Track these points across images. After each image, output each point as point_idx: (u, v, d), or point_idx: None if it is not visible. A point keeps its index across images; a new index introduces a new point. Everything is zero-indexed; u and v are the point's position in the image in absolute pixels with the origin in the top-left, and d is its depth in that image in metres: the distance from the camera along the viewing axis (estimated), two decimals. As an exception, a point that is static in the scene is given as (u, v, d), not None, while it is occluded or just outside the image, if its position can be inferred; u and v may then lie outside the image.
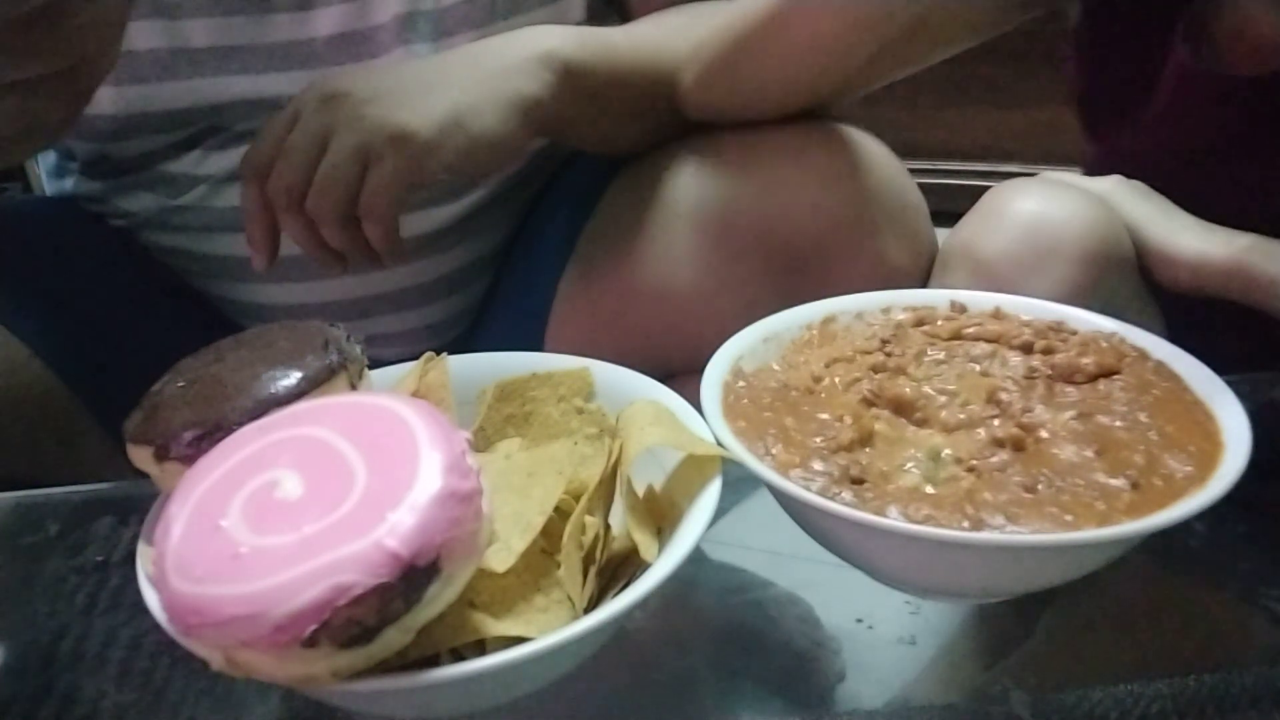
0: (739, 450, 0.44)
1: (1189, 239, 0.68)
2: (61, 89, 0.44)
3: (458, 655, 0.38)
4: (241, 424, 0.41)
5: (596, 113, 0.72)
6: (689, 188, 0.73)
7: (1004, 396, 0.48)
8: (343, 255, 0.65)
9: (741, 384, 0.50)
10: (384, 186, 0.61)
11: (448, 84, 0.64)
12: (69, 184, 0.83)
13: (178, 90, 0.73)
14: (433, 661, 0.37)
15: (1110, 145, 0.78)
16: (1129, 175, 0.73)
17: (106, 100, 0.72)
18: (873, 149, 0.71)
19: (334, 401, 0.42)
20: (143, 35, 0.71)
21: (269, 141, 0.63)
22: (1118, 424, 0.46)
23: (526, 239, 0.86)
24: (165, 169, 0.77)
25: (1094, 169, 0.77)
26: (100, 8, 0.42)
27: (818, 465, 0.44)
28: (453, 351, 0.51)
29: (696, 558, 0.42)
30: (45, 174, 0.88)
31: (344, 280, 0.77)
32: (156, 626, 0.37)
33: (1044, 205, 0.66)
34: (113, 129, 0.74)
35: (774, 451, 0.45)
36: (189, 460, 0.41)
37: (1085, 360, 0.50)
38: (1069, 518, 0.41)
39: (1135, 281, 0.70)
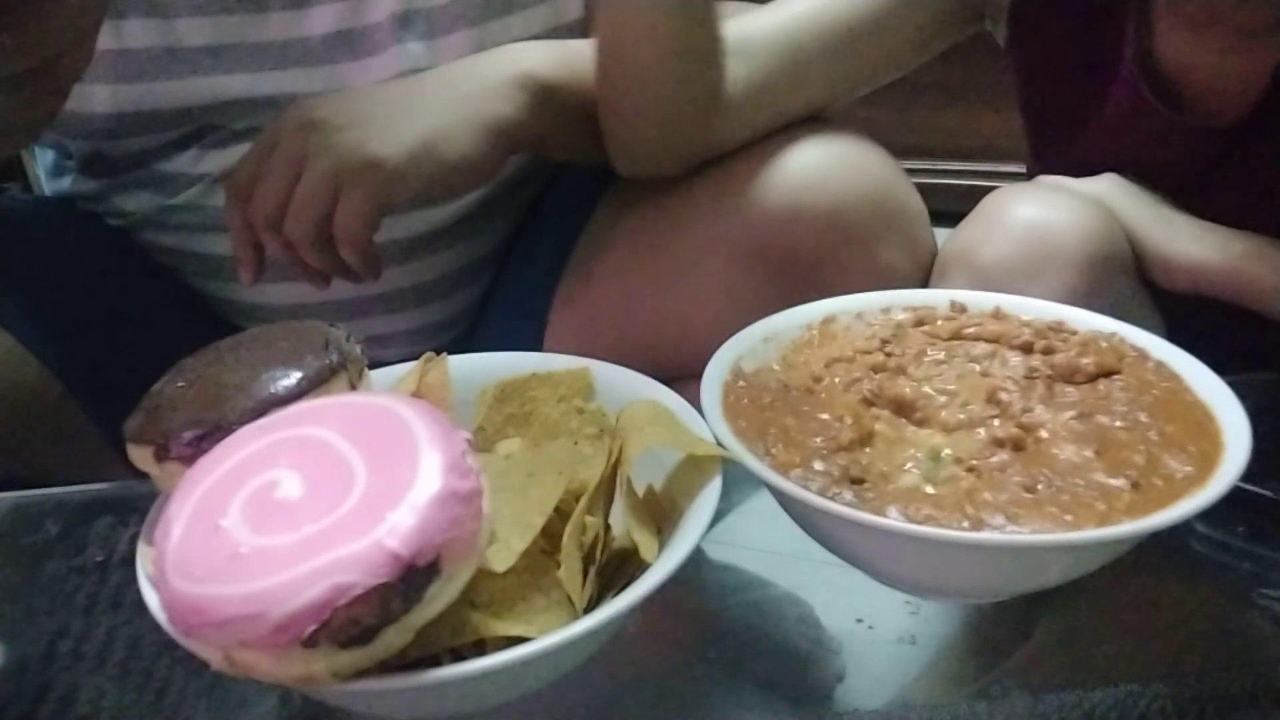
0: (739, 450, 0.44)
1: (1186, 243, 0.68)
2: (35, 87, 0.44)
3: (458, 655, 0.38)
4: (241, 424, 0.41)
5: (578, 129, 0.72)
6: (688, 192, 0.73)
7: (1004, 396, 0.48)
8: (324, 273, 0.67)
9: (741, 384, 0.50)
10: (354, 213, 0.63)
11: (421, 109, 0.65)
12: (66, 183, 0.83)
13: (172, 89, 0.73)
14: (433, 661, 0.37)
15: (1057, 164, 0.78)
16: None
17: (101, 99, 0.72)
18: (872, 154, 0.71)
19: (334, 401, 0.41)
20: (137, 34, 0.71)
21: (250, 164, 0.65)
22: (1118, 424, 0.46)
23: (525, 240, 0.86)
24: (161, 168, 0.77)
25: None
26: (71, 4, 0.42)
27: (818, 465, 0.44)
28: (452, 352, 0.51)
29: (696, 558, 0.42)
30: (43, 173, 0.88)
31: (340, 281, 0.78)
32: (156, 626, 0.37)
33: (1042, 211, 0.66)
34: (108, 128, 0.74)
35: (774, 451, 0.45)
36: (189, 460, 0.41)
37: (1085, 360, 0.50)
38: (1069, 518, 0.41)
39: (1134, 285, 0.70)
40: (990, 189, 0.72)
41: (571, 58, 0.71)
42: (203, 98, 0.74)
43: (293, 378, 0.44)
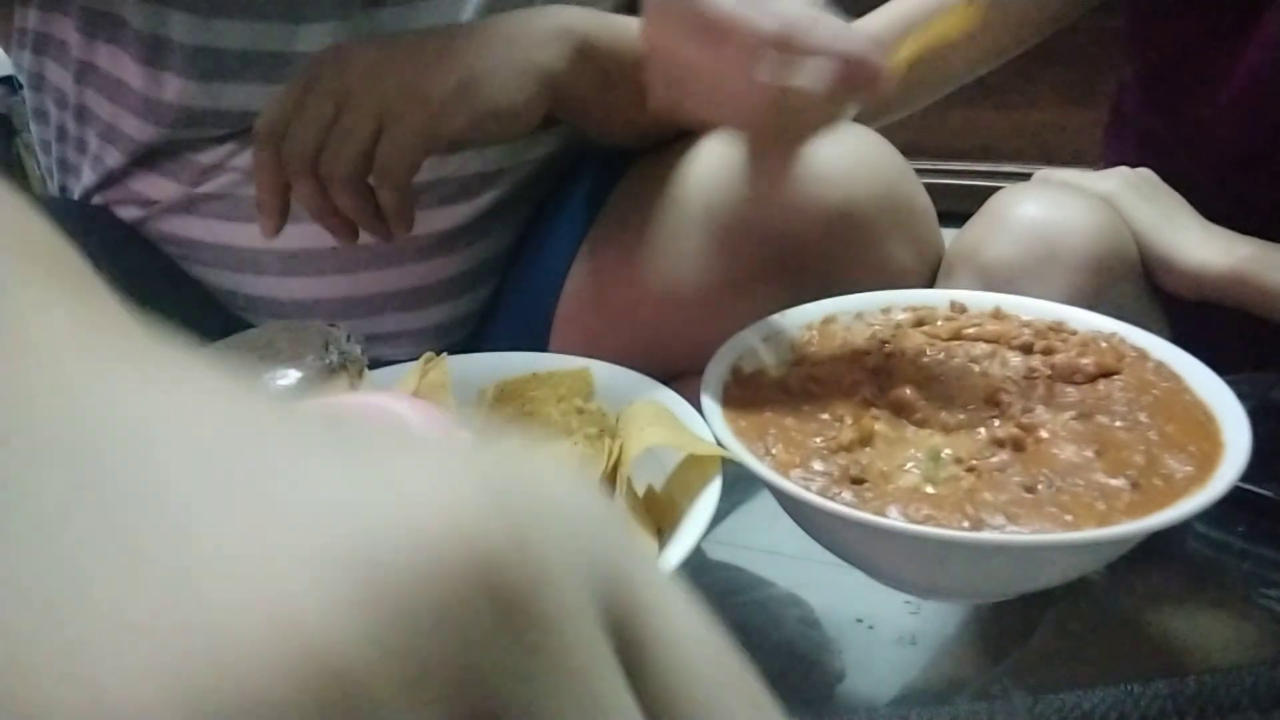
0: (739, 450, 0.44)
1: (1191, 246, 0.68)
2: None
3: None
4: (241, 424, 0.41)
5: (609, 94, 0.72)
6: (697, 188, 0.73)
7: (1004, 397, 0.48)
8: (352, 225, 0.65)
9: (742, 384, 0.50)
10: (399, 147, 0.61)
11: (464, 51, 0.64)
12: (89, 177, 0.82)
13: (244, 92, 0.73)
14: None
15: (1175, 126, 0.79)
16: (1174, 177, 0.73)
17: (175, 90, 0.73)
18: (882, 150, 0.71)
19: (334, 401, 0.41)
20: (226, 34, 0.71)
21: (284, 104, 0.62)
22: (1118, 424, 0.46)
23: (535, 238, 0.86)
24: (197, 159, 0.77)
25: (1132, 162, 0.77)
26: None
27: (818, 465, 0.44)
28: (459, 351, 0.51)
29: (696, 558, 0.42)
30: (46, 168, 0.87)
31: (355, 277, 0.77)
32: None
33: (1048, 211, 0.66)
34: (176, 118, 0.74)
35: (774, 451, 0.45)
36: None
37: (1085, 360, 0.50)
38: (1069, 518, 0.41)
39: (1139, 286, 0.70)
40: (990, 189, 0.72)
41: (612, 24, 0.71)
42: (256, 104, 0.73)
43: (293, 378, 0.44)
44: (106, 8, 0.74)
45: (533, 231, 0.86)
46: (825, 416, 0.48)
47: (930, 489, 0.43)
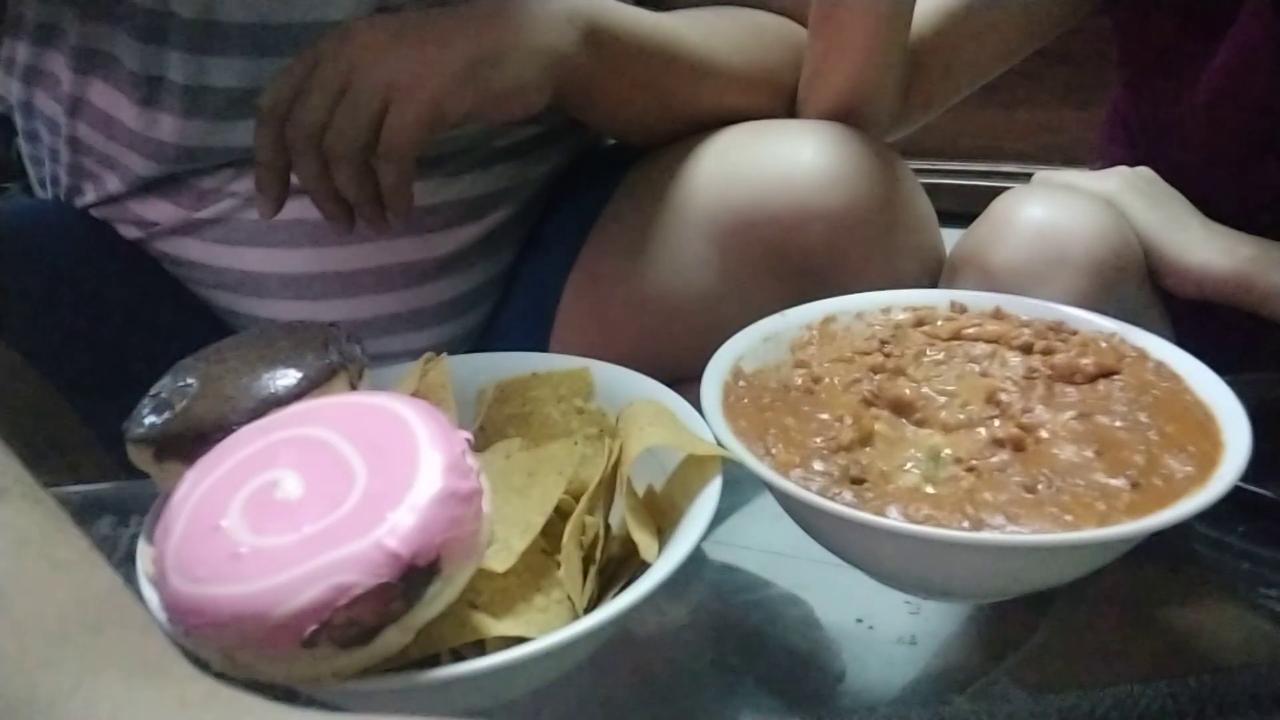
0: (739, 450, 0.44)
1: (1194, 247, 0.68)
2: None
3: (458, 655, 0.38)
4: (241, 424, 0.41)
5: (616, 81, 0.72)
6: (696, 194, 0.73)
7: (1004, 397, 0.48)
8: (350, 212, 0.65)
9: (741, 384, 0.50)
10: (405, 125, 0.61)
11: (473, 31, 0.64)
12: (90, 194, 0.82)
13: (242, 129, 0.72)
14: (433, 661, 0.37)
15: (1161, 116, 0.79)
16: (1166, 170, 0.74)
17: (172, 129, 0.72)
18: (883, 155, 0.71)
19: (334, 401, 0.41)
20: (224, 73, 0.71)
21: (289, 82, 0.62)
22: (1118, 424, 0.46)
23: (533, 250, 0.86)
24: (197, 184, 0.77)
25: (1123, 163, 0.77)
26: None
27: (818, 465, 0.44)
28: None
29: (696, 558, 0.42)
30: (39, 179, 0.86)
31: (358, 301, 0.77)
32: (156, 627, 0.37)
33: (1052, 213, 0.66)
34: (175, 156, 0.74)
35: (774, 451, 0.45)
36: (189, 460, 0.41)
37: (1085, 360, 0.50)
38: (1069, 518, 0.41)
39: (1143, 288, 0.69)
40: (990, 189, 0.71)
41: (623, 12, 0.70)
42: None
43: (293, 378, 0.44)
44: (100, 46, 0.74)
45: (531, 244, 0.86)
46: (825, 416, 0.48)
47: (930, 489, 0.43)
